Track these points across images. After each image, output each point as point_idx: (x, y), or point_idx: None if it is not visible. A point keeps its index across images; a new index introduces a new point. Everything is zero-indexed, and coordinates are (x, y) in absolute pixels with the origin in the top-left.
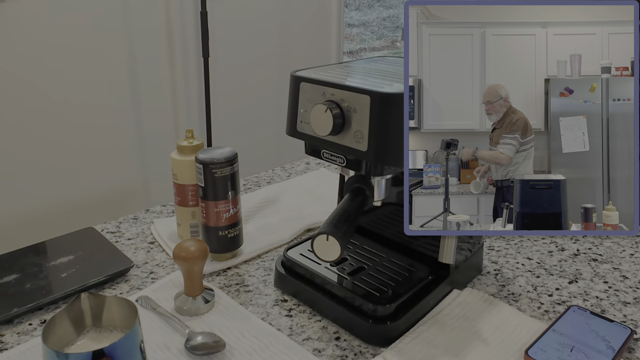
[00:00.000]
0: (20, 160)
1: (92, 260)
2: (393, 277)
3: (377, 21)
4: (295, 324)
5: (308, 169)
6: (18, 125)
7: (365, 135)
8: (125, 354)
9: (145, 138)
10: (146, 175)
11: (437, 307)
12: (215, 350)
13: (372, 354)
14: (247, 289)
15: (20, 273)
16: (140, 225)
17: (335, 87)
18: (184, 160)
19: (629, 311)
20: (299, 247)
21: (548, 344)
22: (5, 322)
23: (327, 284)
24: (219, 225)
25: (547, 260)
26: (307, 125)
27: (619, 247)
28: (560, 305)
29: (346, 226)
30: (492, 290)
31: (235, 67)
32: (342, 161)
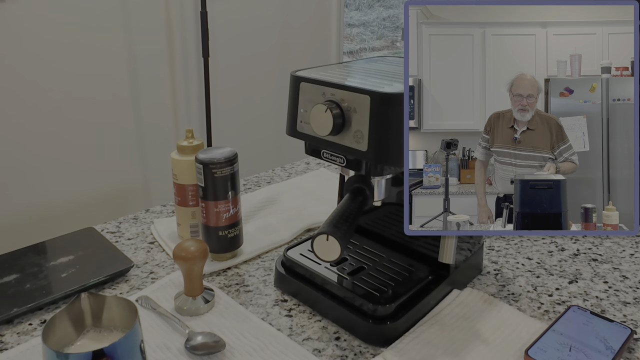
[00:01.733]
0: (21, 161)
1: (92, 260)
2: (393, 277)
3: (377, 21)
4: (295, 324)
5: (308, 169)
6: (18, 125)
7: (365, 135)
8: (125, 354)
9: (146, 138)
10: (146, 175)
11: (437, 307)
12: (215, 350)
13: (372, 354)
14: (247, 289)
15: (20, 273)
16: (140, 225)
17: (335, 87)
18: (184, 160)
19: (629, 311)
20: (299, 247)
21: (548, 344)
22: (5, 322)
23: (327, 284)
24: (219, 225)
25: (547, 260)
26: (307, 125)
27: (619, 247)
28: (560, 305)
29: (346, 226)
30: (492, 290)
31: (235, 67)
32: (342, 161)
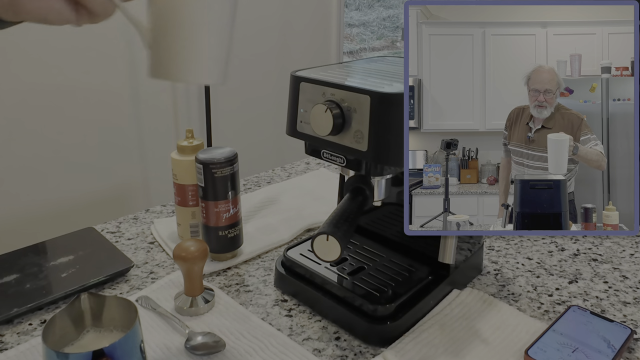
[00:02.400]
0: (21, 160)
1: (92, 260)
2: (393, 277)
3: (377, 21)
4: (295, 324)
5: (308, 169)
6: (18, 125)
7: (365, 135)
8: (125, 354)
9: (145, 138)
10: (146, 175)
11: (437, 307)
12: (215, 350)
13: (372, 354)
14: (247, 289)
15: (20, 273)
16: (140, 225)
17: (335, 87)
18: (184, 160)
19: (629, 311)
20: (299, 247)
21: (548, 344)
22: (5, 322)
23: (327, 284)
24: (219, 225)
25: (547, 260)
26: (307, 125)
27: (619, 247)
28: (560, 305)
29: (346, 226)
30: (492, 290)
31: (235, 67)
32: (342, 161)
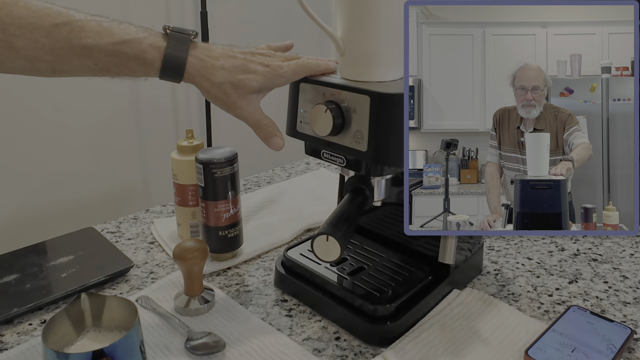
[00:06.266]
0: (21, 160)
1: (92, 260)
2: (393, 277)
3: None
4: (295, 324)
5: (308, 169)
6: (18, 125)
7: (365, 135)
8: (125, 354)
9: (145, 138)
10: (146, 175)
11: (437, 307)
12: (215, 350)
13: (372, 354)
14: (247, 289)
15: (20, 273)
16: (140, 225)
17: (335, 87)
18: (184, 160)
19: (629, 311)
20: (299, 247)
21: (548, 344)
22: (5, 322)
23: (327, 284)
24: (219, 225)
25: (547, 260)
26: (307, 125)
27: (619, 247)
28: (560, 305)
29: (346, 226)
30: (492, 290)
31: None
32: (342, 161)
